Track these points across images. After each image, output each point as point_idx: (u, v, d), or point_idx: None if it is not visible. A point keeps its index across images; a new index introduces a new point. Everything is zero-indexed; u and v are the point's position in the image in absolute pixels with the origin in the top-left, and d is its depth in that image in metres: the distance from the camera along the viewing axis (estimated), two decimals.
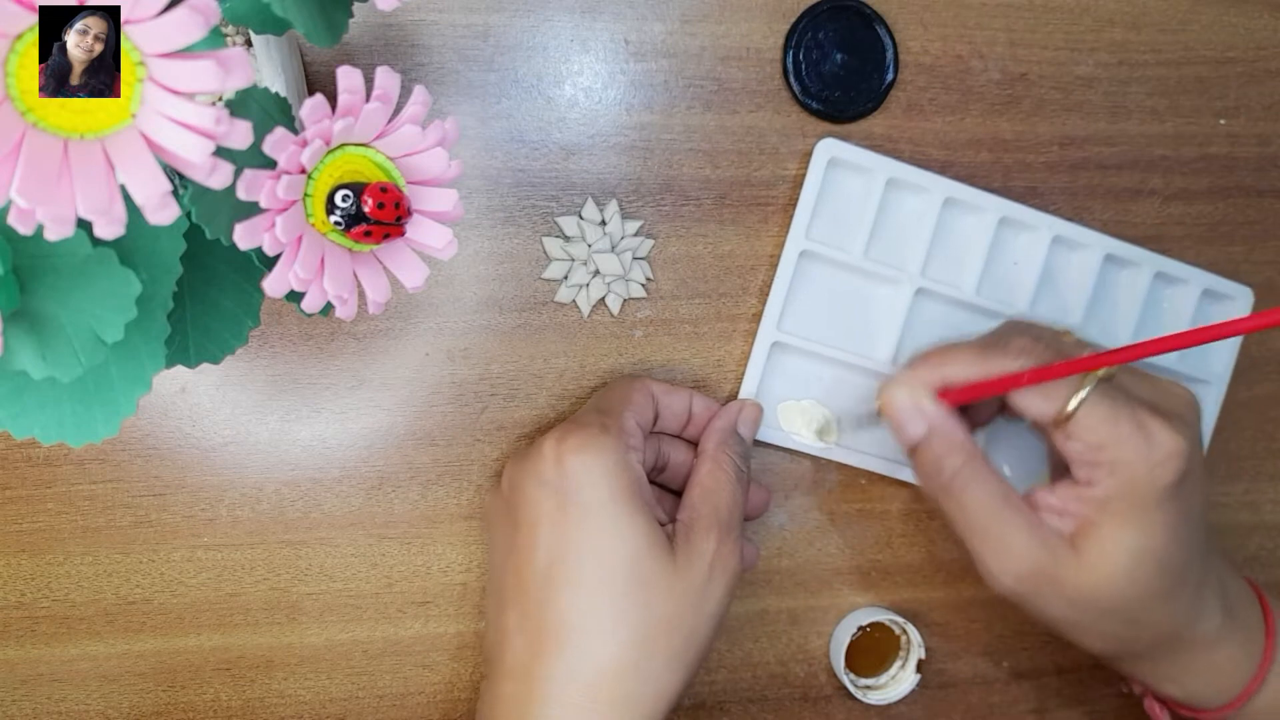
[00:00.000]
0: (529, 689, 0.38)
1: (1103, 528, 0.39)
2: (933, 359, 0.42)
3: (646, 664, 0.38)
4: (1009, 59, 0.48)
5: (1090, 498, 0.39)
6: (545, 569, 0.38)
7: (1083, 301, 0.48)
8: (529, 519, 0.39)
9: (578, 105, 0.45)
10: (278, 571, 0.45)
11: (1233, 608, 0.42)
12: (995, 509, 0.40)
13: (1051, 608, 0.40)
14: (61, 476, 0.43)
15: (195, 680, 0.45)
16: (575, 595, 0.38)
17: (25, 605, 0.44)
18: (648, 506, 0.39)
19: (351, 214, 0.26)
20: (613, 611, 0.37)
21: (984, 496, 0.40)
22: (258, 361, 0.44)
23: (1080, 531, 0.39)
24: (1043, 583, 0.40)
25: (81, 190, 0.20)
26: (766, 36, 0.46)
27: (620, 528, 0.38)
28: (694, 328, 0.47)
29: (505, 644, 0.39)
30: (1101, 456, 0.38)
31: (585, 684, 0.37)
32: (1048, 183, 0.49)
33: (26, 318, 0.24)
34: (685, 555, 0.39)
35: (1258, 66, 0.51)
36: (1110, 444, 0.38)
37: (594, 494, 0.38)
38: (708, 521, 0.40)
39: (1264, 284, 0.52)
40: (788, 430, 0.47)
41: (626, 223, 0.46)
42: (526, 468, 0.40)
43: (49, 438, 0.27)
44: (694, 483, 0.42)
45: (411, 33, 0.44)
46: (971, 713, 0.51)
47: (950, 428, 0.41)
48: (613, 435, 0.40)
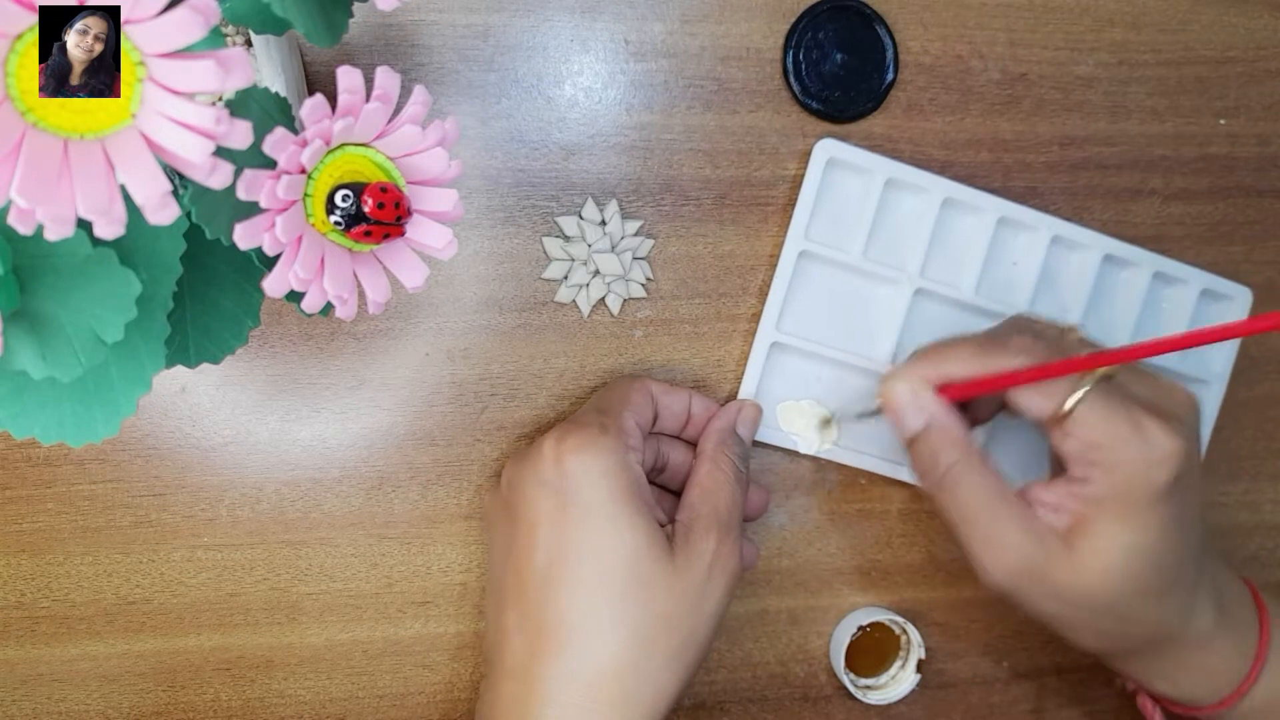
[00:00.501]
0: (528, 689, 0.38)
1: (1097, 525, 0.39)
2: (934, 354, 0.42)
3: (646, 664, 0.38)
4: (1009, 59, 0.48)
5: (1085, 495, 0.39)
6: (544, 569, 0.38)
7: (1082, 302, 0.48)
8: (528, 519, 0.39)
9: (578, 105, 0.45)
10: (278, 571, 0.45)
11: (1226, 607, 0.42)
12: (988, 504, 0.40)
13: (1043, 603, 0.40)
14: (61, 476, 0.43)
15: (195, 680, 0.45)
16: (574, 595, 0.38)
17: (25, 605, 0.44)
18: (647, 507, 0.39)
19: (351, 214, 0.26)
20: (612, 611, 0.38)
21: (978, 491, 0.40)
22: (258, 361, 0.44)
23: (1074, 528, 0.39)
24: (1034, 578, 0.40)
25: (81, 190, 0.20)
26: (766, 36, 0.46)
27: (619, 528, 0.38)
28: (694, 328, 0.47)
29: (505, 644, 0.39)
30: (1097, 455, 0.38)
31: (585, 684, 0.37)
32: (1047, 183, 0.49)
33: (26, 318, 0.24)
34: (685, 555, 0.39)
35: (1258, 66, 0.51)
36: (1106, 443, 0.38)
37: (593, 494, 0.38)
38: (707, 522, 0.40)
39: (1264, 284, 0.52)
40: (787, 430, 0.47)
41: (626, 223, 0.46)
42: (526, 468, 0.40)
43: (49, 438, 0.27)
44: (693, 483, 0.42)
45: (411, 33, 0.44)
46: (971, 713, 0.51)
47: (948, 422, 0.41)
48: (612, 435, 0.40)
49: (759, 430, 0.46)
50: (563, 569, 0.38)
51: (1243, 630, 0.43)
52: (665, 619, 0.38)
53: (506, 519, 0.41)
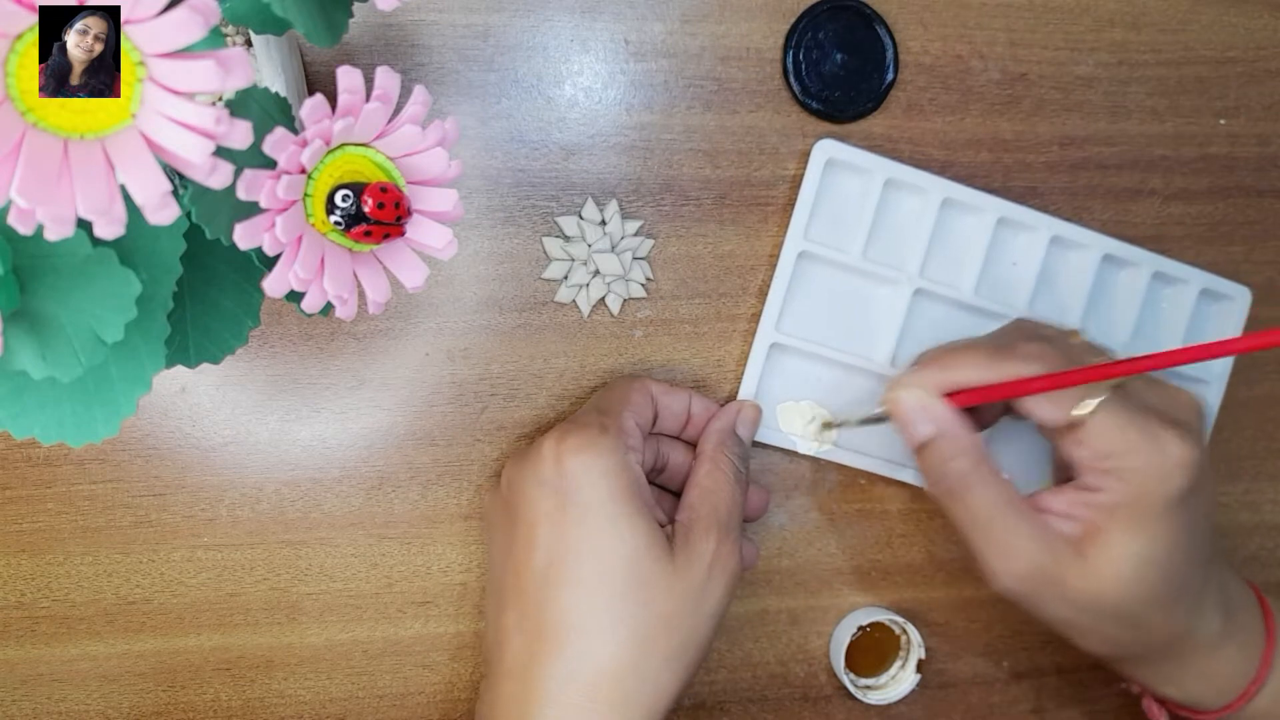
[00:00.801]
0: (528, 689, 0.38)
1: (1110, 534, 0.39)
2: (941, 360, 0.42)
3: (645, 664, 0.38)
4: (1009, 59, 0.48)
5: (1098, 504, 0.39)
6: (544, 569, 0.38)
7: (1081, 302, 0.48)
8: (528, 519, 0.39)
9: (578, 105, 0.45)
10: (278, 571, 0.45)
11: (1233, 612, 0.42)
12: (999, 510, 0.40)
13: (1052, 609, 0.40)
14: (62, 476, 0.43)
15: (195, 680, 0.45)
16: (574, 595, 0.38)
17: (25, 605, 0.44)
18: (647, 507, 0.39)
19: (351, 214, 0.26)
20: (612, 611, 0.38)
21: (988, 498, 0.40)
22: (258, 361, 0.44)
23: (1086, 537, 0.39)
24: (1044, 584, 0.40)
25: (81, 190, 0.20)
26: (766, 36, 0.46)
27: (619, 528, 0.38)
28: (694, 328, 0.47)
29: (504, 644, 0.39)
30: (1110, 464, 0.38)
31: (584, 684, 0.37)
32: (1047, 182, 0.49)
33: (26, 318, 0.24)
34: (684, 555, 0.39)
35: (1258, 66, 0.51)
36: (1120, 452, 0.38)
37: (593, 494, 0.38)
38: (707, 522, 0.40)
39: (1264, 284, 0.52)
40: (787, 431, 0.47)
41: (626, 223, 0.46)
42: (526, 468, 0.40)
43: (49, 438, 0.27)
44: (693, 483, 0.42)
45: (411, 33, 0.44)
46: (971, 713, 0.51)
47: (957, 430, 0.41)
48: (612, 436, 0.40)
49: (759, 431, 0.46)
50: (562, 569, 0.38)
51: (1248, 634, 0.43)
52: (665, 619, 0.38)
53: (506, 519, 0.41)
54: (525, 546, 0.39)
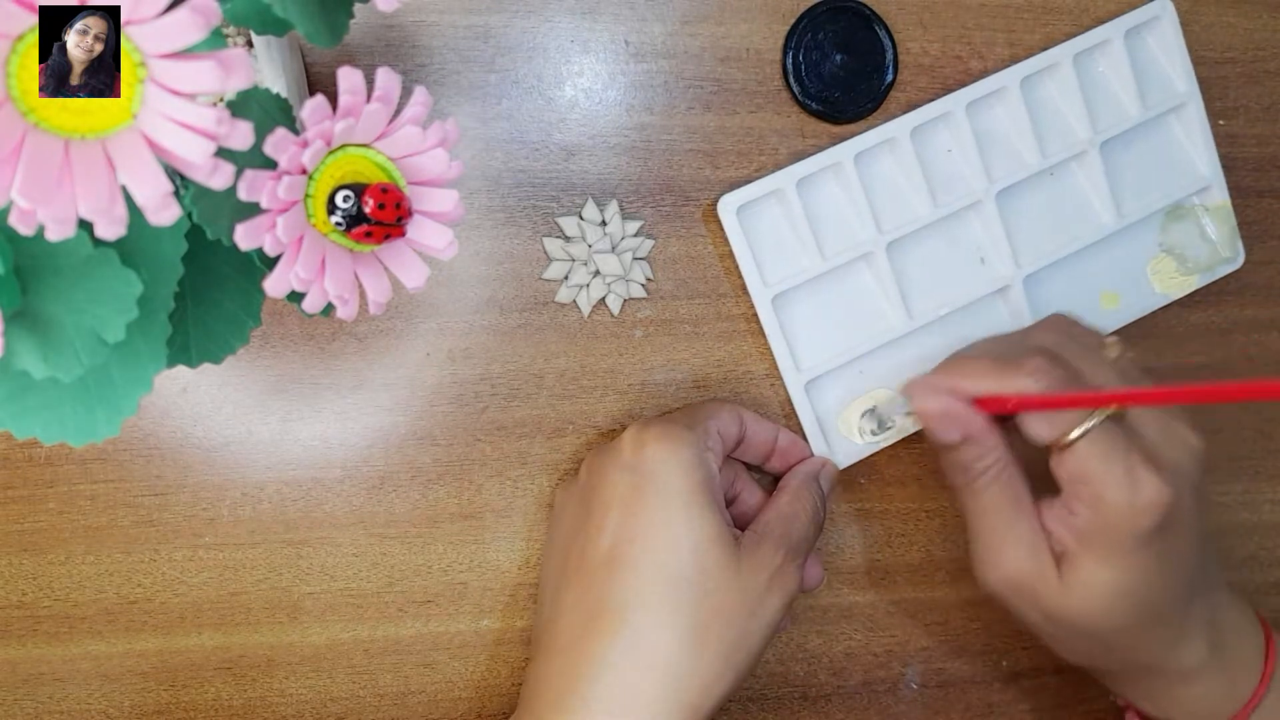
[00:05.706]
0: (579, 663, 0.38)
1: (1082, 560, 0.39)
2: (954, 368, 0.42)
3: (698, 653, 0.38)
4: (1009, 59, 0.48)
5: (1072, 526, 0.39)
6: (610, 549, 0.39)
7: (1029, 138, 0.47)
8: (602, 501, 0.40)
9: (578, 106, 0.45)
10: (279, 571, 0.45)
11: (1223, 642, 0.42)
12: (1004, 513, 0.41)
13: (1029, 616, 0.41)
14: (63, 476, 0.43)
15: (196, 679, 0.45)
16: (637, 577, 0.38)
17: (27, 605, 0.44)
18: (719, 505, 0.40)
19: (352, 214, 0.26)
20: (672, 596, 0.38)
21: (998, 498, 0.41)
22: (259, 361, 0.44)
23: (1063, 556, 0.40)
24: (1024, 592, 0.41)
25: (82, 191, 0.20)
26: (766, 37, 0.46)
27: (690, 515, 0.39)
28: (694, 328, 0.47)
29: (559, 620, 0.40)
30: (1085, 491, 0.38)
31: (636, 663, 0.37)
32: None
33: (28, 318, 0.24)
34: (750, 560, 0.39)
35: (1258, 66, 0.51)
36: (1096, 480, 0.38)
37: (669, 481, 0.39)
38: (777, 539, 0.41)
39: (1264, 284, 0.52)
40: (847, 436, 0.47)
41: (626, 223, 0.46)
42: (606, 455, 0.41)
43: (51, 438, 0.27)
44: (770, 507, 0.43)
45: (412, 33, 0.44)
46: (971, 712, 0.51)
47: (981, 434, 0.41)
48: (695, 433, 0.40)
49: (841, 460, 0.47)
50: (629, 549, 0.38)
51: (1237, 667, 0.43)
52: (721, 612, 0.38)
53: (580, 504, 0.42)
54: (596, 528, 0.40)
